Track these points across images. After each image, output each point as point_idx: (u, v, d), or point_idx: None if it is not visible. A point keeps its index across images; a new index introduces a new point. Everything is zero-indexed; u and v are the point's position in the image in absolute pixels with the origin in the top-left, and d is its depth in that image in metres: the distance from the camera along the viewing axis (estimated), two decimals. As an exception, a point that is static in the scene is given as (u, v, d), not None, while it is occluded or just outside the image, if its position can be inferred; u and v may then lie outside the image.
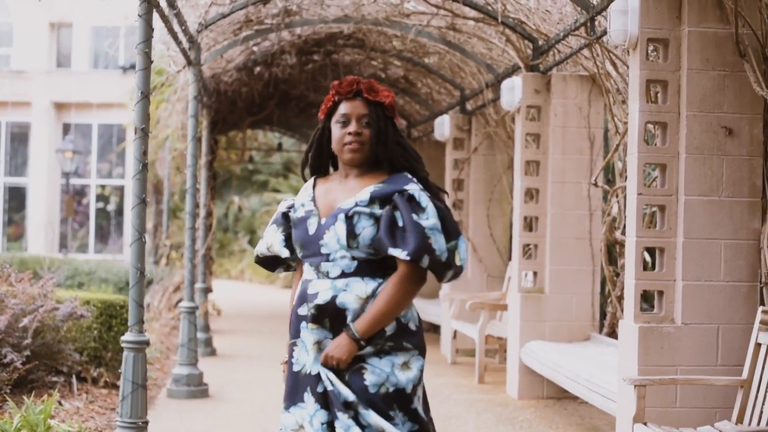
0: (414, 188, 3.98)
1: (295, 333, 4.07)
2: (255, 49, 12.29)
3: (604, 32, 7.56)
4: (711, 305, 6.33)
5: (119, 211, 32.69)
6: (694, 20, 6.33)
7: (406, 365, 4.00)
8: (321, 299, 3.97)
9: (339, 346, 3.94)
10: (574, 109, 9.54)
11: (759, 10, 6.18)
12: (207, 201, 13.56)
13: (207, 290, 13.58)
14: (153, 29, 6.46)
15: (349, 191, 4.07)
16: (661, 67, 6.42)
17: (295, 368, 4.06)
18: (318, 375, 3.96)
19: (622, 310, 8.55)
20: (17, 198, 33.26)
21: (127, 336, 6.44)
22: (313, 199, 4.15)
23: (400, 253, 3.89)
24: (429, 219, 3.93)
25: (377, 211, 3.97)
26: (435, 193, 4.08)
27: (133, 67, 30.32)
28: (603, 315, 9.91)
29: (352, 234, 3.95)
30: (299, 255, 4.14)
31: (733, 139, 6.35)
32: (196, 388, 9.61)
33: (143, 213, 6.43)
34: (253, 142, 21.52)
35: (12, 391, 8.06)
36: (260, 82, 14.13)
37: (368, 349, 3.96)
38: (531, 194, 9.67)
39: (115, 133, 32.68)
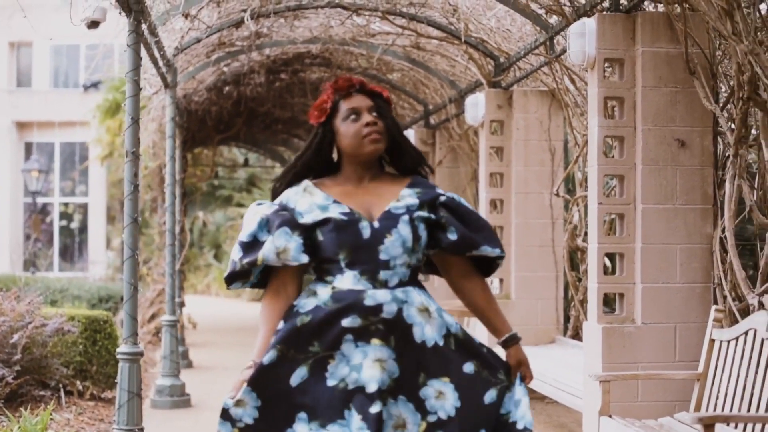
0: (445, 193, 3.90)
1: (332, 345, 3.68)
2: (225, 69, 12.68)
3: (563, 51, 8.02)
4: (668, 306, 6.77)
5: (83, 229, 32.88)
6: (647, 41, 6.78)
7: None
8: (387, 313, 3.68)
9: (524, 354, 3.95)
10: (536, 122, 10.00)
11: (707, 31, 6.63)
12: (180, 217, 13.92)
13: (181, 304, 13.93)
14: (141, 58, 6.85)
15: (382, 195, 3.85)
16: (617, 85, 6.87)
17: (330, 383, 3.66)
18: (373, 394, 3.60)
19: (585, 313, 9.00)
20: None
21: (123, 348, 6.81)
22: (336, 201, 3.81)
23: (491, 251, 3.84)
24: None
25: (431, 215, 3.82)
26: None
27: (94, 85, 30.40)
28: (567, 318, 10.35)
29: (416, 237, 3.76)
30: (343, 262, 3.73)
31: (685, 150, 6.80)
32: (179, 398, 9.98)
33: (136, 232, 6.80)
34: (218, 158, 21.85)
35: (4, 405, 8.40)
36: (229, 100, 14.52)
37: None
38: (495, 205, 10.11)
39: (77, 151, 32.88)
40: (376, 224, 3.74)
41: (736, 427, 5.61)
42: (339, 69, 13.11)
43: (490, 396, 3.76)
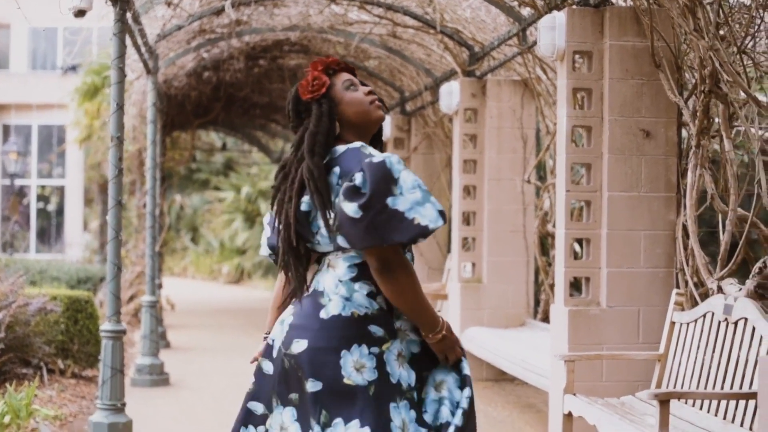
0: None
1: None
2: (205, 55, 12.88)
3: (535, 42, 8.26)
4: (632, 289, 7.04)
5: (59, 212, 32.98)
6: (615, 35, 7.04)
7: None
8: None
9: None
10: (508, 111, 10.26)
11: (672, 26, 6.89)
12: (159, 201, 14.12)
13: (159, 286, 14.14)
14: (126, 46, 7.08)
15: None
16: (585, 77, 7.13)
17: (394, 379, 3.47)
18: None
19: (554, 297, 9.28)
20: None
21: (106, 326, 7.05)
22: None
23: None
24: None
25: None
26: None
27: (72, 68, 30.49)
28: (537, 302, 10.64)
29: None
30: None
31: (650, 140, 7.07)
32: (159, 377, 10.22)
33: (119, 214, 7.04)
34: (196, 142, 22.05)
35: (-13, 381, 8.63)
36: (208, 86, 14.73)
37: None
38: (468, 191, 10.37)
39: (55, 133, 32.97)
40: None
41: (686, 402, 5.90)
42: (317, 56, 13.32)
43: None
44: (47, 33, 33.64)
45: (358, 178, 3.39)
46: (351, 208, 3.34)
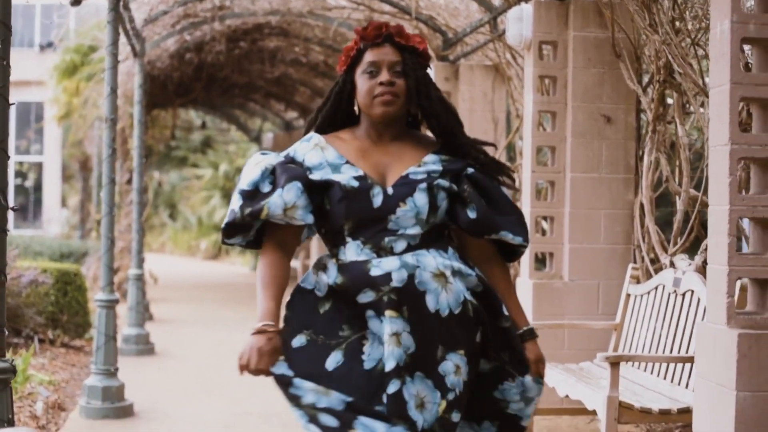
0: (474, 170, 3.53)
1: (361, 325, 3.35)
2: (188, 38, 13.30)
3: (505, 30, 8.74)
4: (593, 264, 7.54)
5: (37, 188, 33.25)
6: (578, 26, 7.52)
7: None
8: (398, 281, 3.31)
9: (539, 351, 3.58)
10: (480, 95, 10.73)
11: (631, 19, 7.38)
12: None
13: (142, 260, 14.56)
14: (119, 34, 7.52)
15: (401, 158, 3.48)
16: (551, 65, 7.61)
17: (368, 365, 3.31)
18: (390, 373, 3.26)
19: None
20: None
21: (100, 295, 7.53)
22: (348, 162, 3.44)
23: (513, 239, 3.48)
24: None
25: (453, 186, 3.46)
26: (495, 173, 3.57)
27: (50, 44, 30.72)
28: (506, 277, 11.13)
29: (433, 207, 3.41)
30: (347, 232, 3.40)
31: (611, 125, 7.55)
32: (144, 346, 10.69)
33: (113, 191, 7.52)
34: (176, 120, 22.45)
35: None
36: (190, 66, 15.13)
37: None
38: (442, 171, 10.83)
39: (33, 110, 33.20)
40: (390, 190, 3.40)
41: (639, 367, 6.43)
42: (296, 38, 13.77)
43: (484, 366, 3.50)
44: (25, 10, 33.84)
45: None
46: None
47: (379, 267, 3.32)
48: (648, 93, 7.39)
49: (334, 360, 3.31)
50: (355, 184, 3.37)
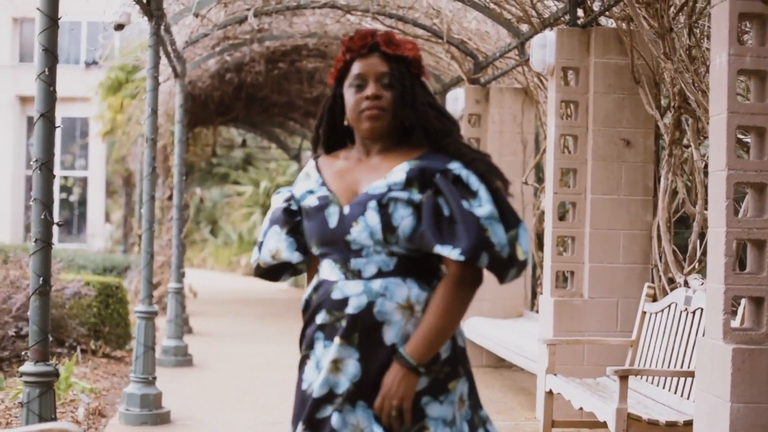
0: (458, 167, 3.12)
1: (309, 344, 3.22)
2: (228, 59, 13.72)
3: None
4: (612, 283, 7.82)
5: (82, 202, 33.84)
6: (599, 53, 7.82)
7: (461, 400, 3.20)
8: (353, 307, 3.11)
9: (395, 383, 3.07)
10: (510, 116, 11.05)
11: (649, 47, 7.69)
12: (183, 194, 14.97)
13: (182, 274, 14.99)
14: (161, 57, 7.90)
15: (375, 171, 3.20)
16: (573, 90, 7.91)
17: (304, 386, 3.20)
18: (320, 399, 3.12)
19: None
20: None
21: (140, 307, 7.89)
22: (324, 183, 3.26)
23: (450, 252, 3.02)
24: (483, 206, 3.07)
25: (416, 196, 3.10)
26: (483, 171, 3.14)
27: (95, 62, 31.15)
28: (534, 294, 11.41)
29: (388, 227, 3.08)
30: (316, 252, 3.26)
31: (630, 149, 7.84)
32: (183, 358, 11.06)
33: (153, 207, 7.88)
34: (217, 138, 22.92)
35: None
36: (230, 86, 15.58)
37: (423, 381, 3.11)
38: (472, 191, 11.12)
39: (78, 126, 33.81)
40: (346, 209, 3.17)
41: (652, 382, 6.71)
42: (333, 59, 14.12)
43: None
44: (71, 27, 34.49)
45: None
46: None
47: (340, 290, 3.14)
48: (666, 118, 7.68)
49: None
50: (314, 203, 3.23)
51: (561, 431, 7.56)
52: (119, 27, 7.78)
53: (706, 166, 7.38)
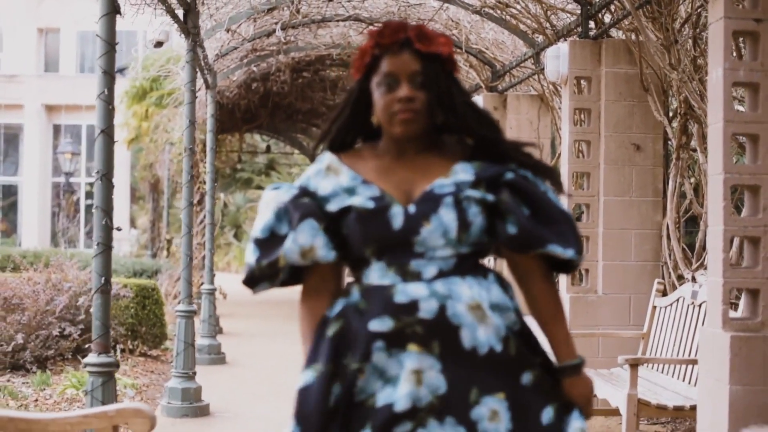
0: (519, 167, 2.97)
1: (363, 356, 2.86)
2: (255, 69, 14.24)
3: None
4: (624, 279, 8.27)
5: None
6: (610, 63, 8.29)
7: None
8: (427, 312, 2.82)
9: (582, 390, 2.96)
10: (526, 123, 11.52)
11: (658, 56, 8.15)
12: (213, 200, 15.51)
13: (213, 276, 15.52)
14: (197, 72, 8.41)
15: (428, 170, 2.97)
16: (585, 98, 8.38)
17: (360, 397, 2.85)
18: (402, 414, 2.80)
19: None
20: (8, 196, 34.93)
21: (180, 306, 8.41)
22: (366, 182, 2.96)
23: (563, 252, 2.89)
24: (563, 205, 2.99)
25: (489, 196, 2.92)
26: (544, 172, 3.01)
27: (120, 71, 31.71)
28: (552, 293, 11.86)
29: (464, 224, 2.88)
30: (370, 256, 2.91)
31: (640, 153, 8.30)
32: (216, 356, 11.59)
33: (191, 213, 8.39)
34: (241, 144, 23.44)
35: (72, 357, 9.98)
36: (257, 95, 16.14)
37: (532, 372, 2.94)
38: (491, 194, 11.59)
39: (103, 133, 34.30)
40: (411, 209, 2.90)
41: (662, 371, 7.19)
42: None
43: (547, 415, 2.89)
44: (95, 37, 35.01)
45: None
46: None
47: (404, 293, 2.84)
48: (673, 123, 8.14)
49: (334, 394, 2.88)
50: (371, 205, 2.90)
51: (576, 419, 8.00)
52: (159, 44, 8.29)
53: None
